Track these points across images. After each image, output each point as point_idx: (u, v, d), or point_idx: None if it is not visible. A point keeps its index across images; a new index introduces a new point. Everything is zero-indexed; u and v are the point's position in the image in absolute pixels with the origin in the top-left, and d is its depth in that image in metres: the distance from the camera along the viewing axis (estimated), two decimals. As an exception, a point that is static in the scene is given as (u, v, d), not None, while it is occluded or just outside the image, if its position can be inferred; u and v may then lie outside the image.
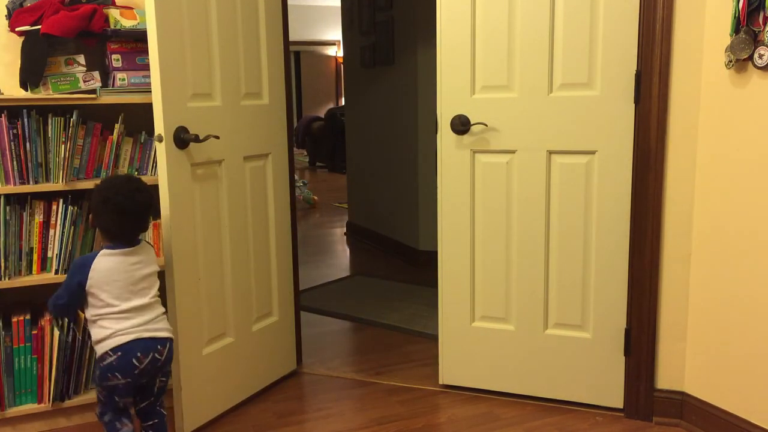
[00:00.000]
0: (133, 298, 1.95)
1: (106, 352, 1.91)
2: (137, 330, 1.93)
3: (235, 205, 2.47)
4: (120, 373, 1.92)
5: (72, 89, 2.37)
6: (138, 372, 1.93)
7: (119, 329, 1.91)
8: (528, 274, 2.49)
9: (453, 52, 2.45)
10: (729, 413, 2.19)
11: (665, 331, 2.35)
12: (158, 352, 1.96)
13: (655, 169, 2.27)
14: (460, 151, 2.49)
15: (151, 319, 1.97)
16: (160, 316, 2.00)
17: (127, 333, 1.91)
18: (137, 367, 1.92)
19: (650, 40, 2.22)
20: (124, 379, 1.92)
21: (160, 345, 1.97)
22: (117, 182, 1.97)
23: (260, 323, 2.65)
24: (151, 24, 2.07)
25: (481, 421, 2.43)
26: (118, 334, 1.91)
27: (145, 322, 1.95)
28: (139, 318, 1.94)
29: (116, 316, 1.92)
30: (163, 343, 1.98)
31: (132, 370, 1.92)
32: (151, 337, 1.94)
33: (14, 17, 2.34)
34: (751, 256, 2.09)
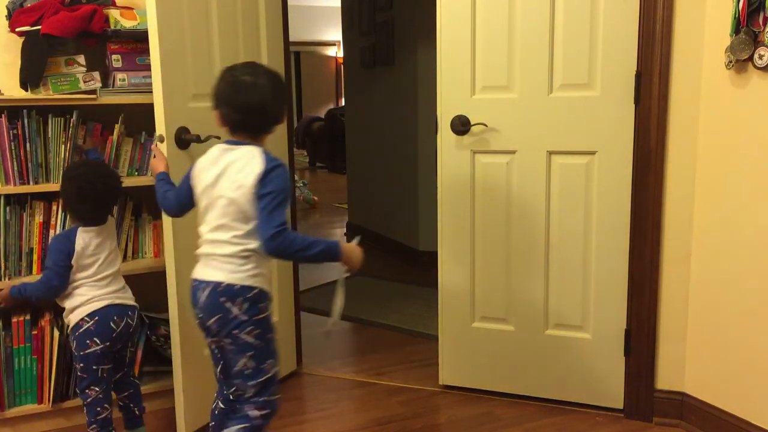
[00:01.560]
0: (106, 268, 2.09)
1: (83, 319, 2.03)
2: (111, 296, 2.07)
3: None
4: (98, 338, 2.02)
5: (72, 89, 2.37)
6: (115, 335, 2.05)
7: (95, 295, 2.05)
8: (528, 274, 2.49)
9: (453, 53, 2.45)
10: (729, 414, 2.19)
11: (665, 331, 2.35)
12: (130, 318, 2.10)
13: (655, 170, 2.27)
14: (460, 151, 2.49)
15: (120, 288, 2.12)
16: (125, 286, 2.15)
17: (102, 299, 2.06)
18: (114, 330, 2.05)
19: (650, 41, 2.22)
20: (102, 344, 2.03)
21: (130, 311, 2.11)
22: (85, 169, 2.07)
23: (260, 323, 2.64)
24: (152, 24, 2.07)
25: (481, 421, 2.43)
26: (95, 300, 2.05)
27: (116, 290, 2.10)
28: (112, 286, 2.09)
29: (93, 283, 2.06)
30: (132, 309, 2.13)
31: (110, 333, 2.04)
32: (122, 303, 2.09)
33: (14, 17, 2.34)
34: (752, 256, 2.09)
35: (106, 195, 2.08)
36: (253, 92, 1.70)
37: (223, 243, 1.71)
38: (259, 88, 1.71)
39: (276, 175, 1.68)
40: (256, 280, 1.72)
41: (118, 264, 2.14)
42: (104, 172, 2.09)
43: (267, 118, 1.74)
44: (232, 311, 1.70)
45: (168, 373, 2.57)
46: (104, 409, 2.07)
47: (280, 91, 1.77)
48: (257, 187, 1.66)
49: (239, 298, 1.70)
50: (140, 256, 2.55)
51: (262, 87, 1.71)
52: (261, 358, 1.74)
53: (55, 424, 2.37)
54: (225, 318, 1.70)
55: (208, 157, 1.78)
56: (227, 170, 1.71)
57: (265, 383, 1.76)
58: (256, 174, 1.67)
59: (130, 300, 2.14)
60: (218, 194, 1.72)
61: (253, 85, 1.71)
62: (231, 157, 1.72)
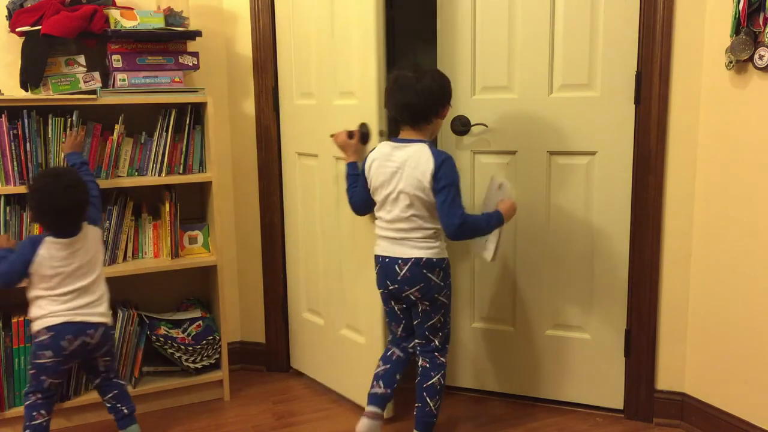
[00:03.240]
0: (72, 282, 2.03)
1: (41, 330, 2.02)
2: (69, 314, 2.02)
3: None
4: (50, 352, 2.02)
5: (72, 90, 2.37)
6: (67, 353, 2.02)
7: (53, 311, 2.02)
8: (528, 274, 2.49)
9: (453, 53, 2.45)
10: (729, 414, 2.19)
11: (665, 332, 2.35)
12: (89, 336, 2.05)
13: (655, 170, 2.27)
14: (461, 151, 2.49)
15: (88, 303, 2.06)
16: (98, 300, 2.09)
17: (59, 315, 2.02)
18: (66, 349, 2.02)
19: (650, 41, 2.22)
20: (53, 359, 2.02)
21: (91, 329, 2.05)
22: (47, 181, 2.01)
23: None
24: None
25: (481, 422, 2.43)
26: (51, 315, 2.02)
27: (80, 306, 2.04)
28: (75, 302, 2.03)
29: (53, 298, 2.02)
30: (95, 327, 2.06)
31: (61, 350, 2.02)
32: (82, 321, 2.03)
33: (14, 18, 2.34)
34: (752, 257, 2.09)
35: (70, 208, 2.00)
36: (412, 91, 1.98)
37: (415, 229, 2.03)
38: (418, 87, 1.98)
39: (446, 169, 1.97)
40: (445, 252, 2.08)
41: (91, 277, 2.07)
42: (68, 183, 1.99)
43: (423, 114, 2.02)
44: (433, 279, 2.03)
45: (168, 373, 2.58)
46: (40, 415, 2.05)
47: (439, 88, 2.02)
48: (432, 182, 1.96)
49: (437, 269, 2.04)
50: (140, 256, 2.55)
51: (422, 85, 1.98)
52: (448, 313, 2.13)
53: (55, 424, 2.36)
54: (427, 285, 2.04)
55: (380, 153, 2.07)
56: (403, 168, 2.00)
57: (449, 333, 2.16)
58: (430, 170, 1.96)
59: (95, 317, 2.06)
60: (399, 189, 2.01)
61: (415, 83, 1.98)
62: (403, 155, 2.01)
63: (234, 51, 2.76)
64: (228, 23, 2.75)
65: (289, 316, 2.85)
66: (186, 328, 2.60)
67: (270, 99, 2.72)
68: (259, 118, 2.75)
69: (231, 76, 2.78)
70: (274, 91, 2.72)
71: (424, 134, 2.04)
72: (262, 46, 2.70)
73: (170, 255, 2.54)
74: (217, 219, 2.56)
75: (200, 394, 2.61)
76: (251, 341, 2.92)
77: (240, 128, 2.79)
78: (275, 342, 2.88)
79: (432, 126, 2.06)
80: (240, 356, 2.90)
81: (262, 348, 2.90)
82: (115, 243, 2.47)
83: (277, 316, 2.86)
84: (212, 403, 2.60)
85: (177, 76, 2.48)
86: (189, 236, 2.61)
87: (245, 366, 2.91)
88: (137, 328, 2.50)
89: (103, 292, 2.12)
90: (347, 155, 2.25)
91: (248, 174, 2.80)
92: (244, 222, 2.85)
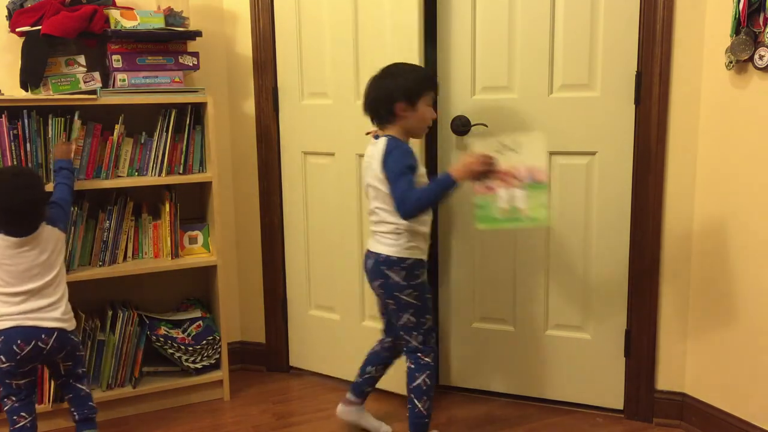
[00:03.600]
0: (24, 283, 1.98)
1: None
2: (19, 317, 1.97)
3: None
4: (4, 357, 1.98)
5: (72, 90, 2.37)
6: (20, 358, 1.97)
7: (3, 314, 1.97)
8: (528, 274, 2.49)
9: (453, 53, 2.45)
10: (729, 414, 2.19)
11: (665, 332, 2.35)
12: (42, 341, 1.99)
13: (655, 170, 2.27)
14: (461, 152, 2.49)
15: (41, 307, 2.00)
16: (54, 304, 2.02)
17: (9, 319, 1.97)
18: (18, 354, 1.97)
19: (650, 41, 2.22)
20: (8, 363, 1.98)
21: (45, 334, 1.99)
22: (1, 179, 1.97)
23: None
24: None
25: (481, 422, 2.43)
26: (2, 319, 1.97)
27: (32, 310, 1.99)
28: (27, 305, 1.98)
29: (4, 298, 1.97)
30: (49, 332, 2.00)
31: (14, 355, 1.98)
32: (34, 326, 1.98)
33: (15, 18, 2.34)
34: (752, 256, 2.09)
35: (24, 207, 1.97)
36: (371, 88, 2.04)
37: (380, 223, 2.05)
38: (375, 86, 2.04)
39: (392, 157, 1.96)
40: (410, 252, 2.04)
41: (45, 279, 2.01)
42: (23, 183, 1.97)
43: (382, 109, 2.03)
44: (392, 277, 2.04)
45: (168, 373, 2.58)
46: (21, 417, 2.03)
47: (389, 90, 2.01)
48: (383, 171, 1.97)
49: (396, 267, 2.03)
50: (140, 256, 2.55)
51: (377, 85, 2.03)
52: (422, 314, 2.08)
53: (55, 424, 2.37)
54: (386, 282, 2.05)
55: (366, 151, 2.11)
56: (370, 161, 2.04)
57: (429, 334, 2.11)
58: (379, 159, 1.98)
59: (49, 321, 2.00)
60: (367, 182, 2.08)
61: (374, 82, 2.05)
62: (371, 150, 2.06)
63: (234, 51, 2.76)
64: (228, 23, 2.75)
65: (290, 316, 2.85)
66: (186, 328, 2.60)
67: (270, 99, 2.72)
68: (259, 118, 2.75)
69: (231, 76, 2.78)
70: (274, 91, 2.72)
71: (394, 130, 2.03)
72: (262, 46, 2.70)
73: (170, 255, 2.54)
74: (217, 219, 2.56)
75: (200, 394, 2.61)
76: (251, 341, 2.92)
77: (240, 128, 2.80)
78: (275, 342, 2.88)
79: (402, 122, 2.02)
80: (240, 356, 2.90)
81: (262, 348, 2.90)
82: (115, 243, 2.46)
83: (277, 316, 2.86)
84: (212, 403, 2.60)
85: (177, 76, 2.48)
86: (189, 236, 2.61)
87: (245, 366, 2.91)
88: (137, 329, 2.50)
89: (60, 296, 2.05)
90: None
91: (248, 174, 2.80)
92: (244, 222, 2.85)
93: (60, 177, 2.20)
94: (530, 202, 1.92)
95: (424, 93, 2.01)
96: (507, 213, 1.94)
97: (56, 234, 2.08)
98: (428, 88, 2.04)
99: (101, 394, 2.44)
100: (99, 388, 2.46)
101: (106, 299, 2.59)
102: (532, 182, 1.92)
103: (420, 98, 2.00)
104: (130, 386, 2.49)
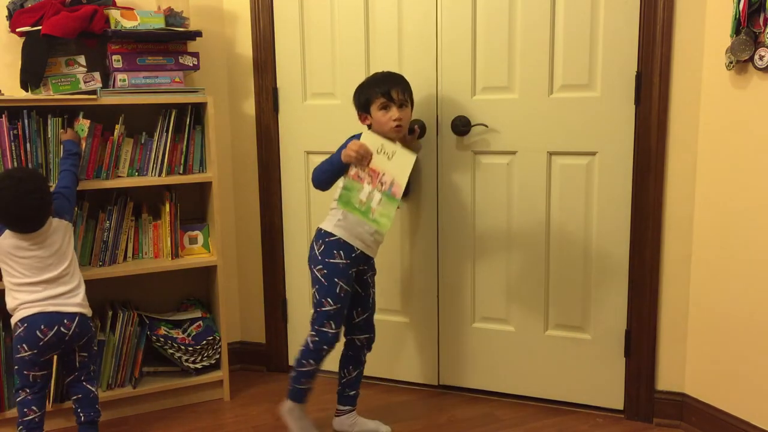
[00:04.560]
0: (41, 273, 2.02)
1: (16, 324, 2.02)
2: (41, 304, 2.01)
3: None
4: (26, 345, 2.00)
5: (72, 90, 2.37)
6: (43, 344, 2.00)
7: (25, 301, 2.01)
8: (528, 275, 2.49)
9: (453, 53, 2.45)
10: (729, 415, 2.19)
11: (665, 332, 2.35)
12: (64, 326, 2.02)
13: (655, 170, 2.27)
14: (461, 152, 2.49)
15: (62, 293, 2.04)
16: (73, 291, 2.07)
17: (31, 306, 2.01)
18: (42, 340, 2.00)
19: (651, 42, 2.22)
20: (30, 351, 2.00)
21: (67, 319, 2.03)
22: (6, 185, 1.97)
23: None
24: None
25: (481, 422, 2.43)
26: (24, 307, 2.01)
27: (53, 296, 2.03)
28: (48, 291, 2.02)
29: (25, 288, 2.01)
30: (71, 317, 2.04)
31: (37, 342, 2.00)
32: (56, 311, 2.02)
33: (15, 18, 2.34)
34: (752, 257, 2.09)
35: (27, 213, 1.98)
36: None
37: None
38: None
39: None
40: (337, 229, 2.12)
41: (60, 268, 2.05)
42: (27, 189, 1.96)
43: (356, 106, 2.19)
44: (313, 248, 2.16)
45: (168, 373, 2.58)
46: (32, 411, 2.04)
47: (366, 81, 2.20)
48: None
49: (320, 240, 2.15)
50: (140, 256, 2.55)
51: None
52: (322, 294, 2.12)
53: (54, 424, 2.37)
54: (310, 253, 2.17)
55: None
56: None
57: (317, 314, 2.13)
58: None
59: (70, 307, 2.05)
60: None
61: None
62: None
63: (234, 51, 2.76)
64: (228, 23, 2.75)
65: (290, 316, 2.85)
66: (186, 329, 2.60)
67: (270, 99, 2.72)
68: (259, 118, 2.75)
69: (231, 77, 2.78)
70: (274, 91, 2.72)
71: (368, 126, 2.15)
72: (262, 46, 2.70)
73: (170, 255, 2.54)
74: (217, 219, 2.56)
75: (200, 394, 2.61)
76: (251, 341, 2.92)
77: (240, 128, 2.80)
78: (275, 342, 2.88)
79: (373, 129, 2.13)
80: (240, 356, 2.90)
81: (262, 348, 2.90)
82: (115, 243, 2.46)
83: (277, 316, 2.86)
84: (212, 404, 2.60)
85: (177, 76, 2.48)
86: (189, 236, 2.61)
87: (245, 366, 2.91)
88: (137, 329, 2.50)
89: (77, 283, 2.10)
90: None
91: (248, 174, 2.80)
92: (244, 222, 2.85)
93: (67, 163, 2.22)
94: (381, 208, 2.03)
95: (374, 99, 2.11)
96: (361, 205, 2.06)
97: (63, 225, 2.10)
98: (375, 94, 2.11)
99: (101, 394, 2.43)
100: (99, 389, 2.45)
101: (106, 299, 2.59)
102: (389, 192, 2.02)
103: (371, 105, 2.12)
104: (130, 386, 2.49)
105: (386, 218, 2.03)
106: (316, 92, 2.66)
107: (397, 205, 2.03)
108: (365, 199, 2.05)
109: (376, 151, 2.03)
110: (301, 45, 2.65)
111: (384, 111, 2.11)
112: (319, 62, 2.64)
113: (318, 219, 2.71)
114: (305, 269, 2.76)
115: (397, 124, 2.10)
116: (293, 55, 2.67)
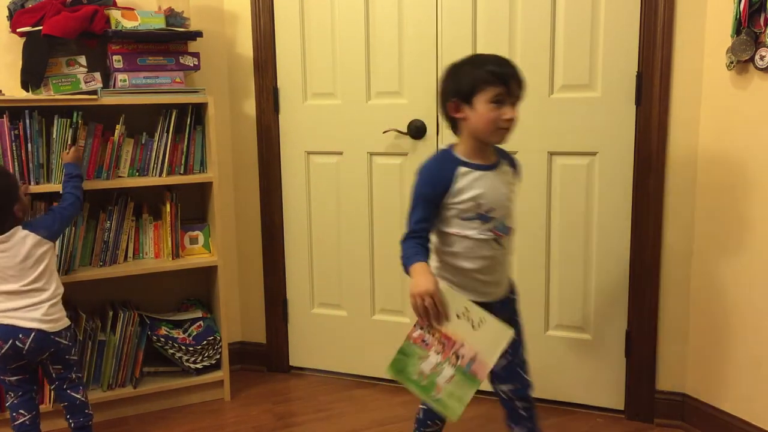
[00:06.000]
0: (1, 284, 1.98)
1: None
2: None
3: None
4: None
5: (73, 90, 2.37)
6: (2, 355, 1.97)
7: None
8: (529, 275, 2.49)
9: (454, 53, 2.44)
10: (730, 415, 2.19)
11: (666, 332, 2.35)
12: (20, 341, 1.97)
13: (656, 171, 2.27)
14: (461, 152, 2.49)
15: (21, 307, 1.98)
16: (35, 305, 2.00)
17: None
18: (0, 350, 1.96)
19: (651, 42, 2.22)
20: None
21: (22, 334, 1.97)
22: None
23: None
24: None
25: (481, 422, 2.43)
26: None
27: (11, 309, 1.98)
28: (6, 304, 1.98)
29: None
30: (26, 333, 1.97)
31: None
32: (11, 325, 1.97)
33: (15, 18, 2.34)
34: (753, 257, 2.09)
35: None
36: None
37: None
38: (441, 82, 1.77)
39: (416, 180, 1.72)
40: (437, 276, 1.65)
41: (24, 281, 1.99)
42: None
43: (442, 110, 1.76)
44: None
45: (168, 373, 2.58)
46: (20, 414, 2.04)
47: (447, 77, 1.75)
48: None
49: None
50: (141, 256, 2.55)
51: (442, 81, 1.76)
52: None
53: (54, 424, 2.37)
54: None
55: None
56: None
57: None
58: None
59: (28, 322, 1.97)
60: None
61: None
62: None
63: (235, 51, 2.76)
64: (228, 24, 2.75)
65: (290, 315, 2.85)
66: (187, 329, 2.61)
67: (270, 99, 2.72)
68: (259, 118, 2.75)
69: (232, 77, 2.78)
70: (274, 91, 2.72)
71: (463, 137, 1.75)
72: (262, 46, 2.70)
73: (171, 255, 2.54)
74: (217, 219, 2.56)
75: (201, 394, 2.61)
76: (251, 341, 2.92)
77: (241, 128, 2.80)
78: (275, 342, 2.88)
79: (463, 125, 1.72)
80: (240, 356, 2.90)
81: (262, 348, 2.90)
82: (115, 243, 2.47)
83: (277, 316, 2.86)
84: (213, 404, 2.60)
85: (178, 76, 2.48)
86: (190, 236, 2.61)
87: (245, 366, 2.91)
88: (138, 329, 2.50)
89: (44, 299, 2.01)
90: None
91: (249, 174, 2.80)
92: (244, 222, 2.85)
93: (69, 186, 2.19)
94: (452, 388, 1.55)
95: (485, 87, 1.64)
96: (422, 378, 1.57)
97: (34, 240, 2.02)
98: (489, 81, 1.64)
99: (102, 394, 2.44)
100: (99, 389, 2.46)
101: (106, 299, 2.59)
102: (468, 371, 1.54)
103: (477, 93, 1.65)
104: (131, 386, 2.50)
105: (457, 402, 1.52)
106: (316, 92, 2.67)
107: (476, 388, 1.53)
108: (428, 372, 1.56)
109: (456, 315, 1.56)
110: (302, 45, 2.66)
111: (496, 106, 1.65)
112: (320, 62, 2.64)
113: (318, 219, 2.73)
114: (305, 269, 2.78)
115: (508, 126, 1.69)
116: (293, 55, 2.67)
